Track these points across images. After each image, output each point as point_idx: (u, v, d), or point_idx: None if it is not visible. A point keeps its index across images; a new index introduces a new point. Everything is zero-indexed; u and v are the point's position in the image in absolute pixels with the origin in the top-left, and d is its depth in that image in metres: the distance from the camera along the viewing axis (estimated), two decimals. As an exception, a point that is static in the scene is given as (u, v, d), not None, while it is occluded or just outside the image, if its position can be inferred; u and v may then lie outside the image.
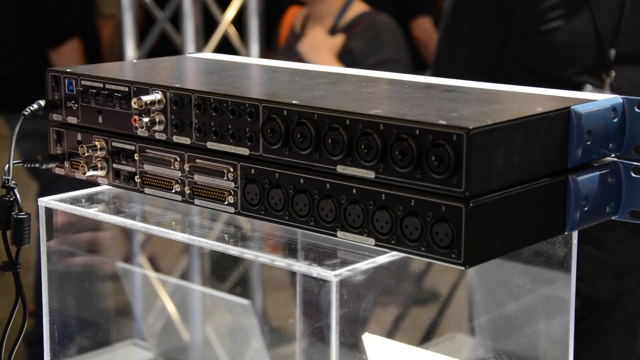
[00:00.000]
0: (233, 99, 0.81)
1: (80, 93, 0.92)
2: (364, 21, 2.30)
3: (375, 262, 0.76)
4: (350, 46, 2.26)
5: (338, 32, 2.30)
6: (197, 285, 1.78)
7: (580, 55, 1.60)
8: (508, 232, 0.73)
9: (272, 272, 1.38)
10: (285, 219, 0.79)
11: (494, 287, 1.20)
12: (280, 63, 1.01)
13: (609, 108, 0.79)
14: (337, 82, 0.90)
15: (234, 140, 0.81)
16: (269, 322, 1.26)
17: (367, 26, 2.29)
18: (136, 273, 1.41)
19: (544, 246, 0.88)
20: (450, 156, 0.68)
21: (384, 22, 2.31)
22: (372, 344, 0.97)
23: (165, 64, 1.04)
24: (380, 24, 2.30)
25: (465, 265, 0.69)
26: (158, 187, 0.88)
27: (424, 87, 0.87)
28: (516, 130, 0.72)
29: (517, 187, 0.73)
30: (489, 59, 1.69)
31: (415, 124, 0.70)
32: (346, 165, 0.74)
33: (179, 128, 0.85)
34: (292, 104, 0.77)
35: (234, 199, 0.82)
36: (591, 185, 0.78)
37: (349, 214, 0.75)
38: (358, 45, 2.25)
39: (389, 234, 0.73)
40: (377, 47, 2.24)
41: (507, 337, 1.11)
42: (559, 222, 0.78)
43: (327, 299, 0.72)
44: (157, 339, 1.41)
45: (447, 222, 0.69)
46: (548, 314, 0.95)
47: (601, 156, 0.80)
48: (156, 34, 2.66)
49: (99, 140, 0.91)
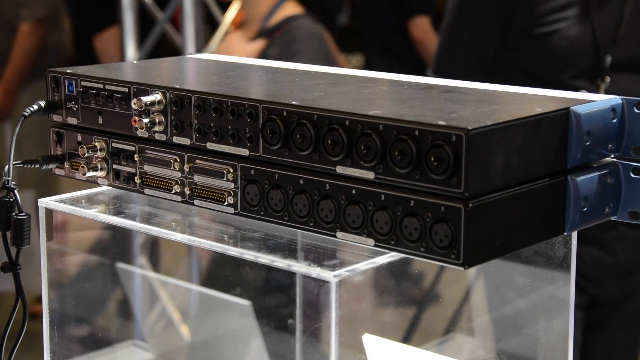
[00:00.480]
0: (233, 100, 0.81)
1: (80, 94, 0.92)
2: (284, 26, 2.13)
3: (375, 263, 0.76)
4: (267, 53, 2.09)
5: (261, 37, 2.14)
6: (197, 285, 1.79)
7: (577, 60, 1.61)
8: (507, 233, 0.73)
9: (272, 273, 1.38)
10: (285, 219, 0.79)
11: (494, 288, 1.20)
12: (280, 64, 1.02)
13: (608, 109, 0.79)
14: (337, 82, 0.90)
15: (234, 141, 0.81)
16: (269, 323, 1.26)
17: (285, 32, 2.12)
18: (136, 274, 1.41)
19: (543, 246, 0.88)
20: (449, 157, 0.68)
21: (302, 27, 2.12)
22: (372, 344, 0.97)
23: (165, 64, 1.04)
24: (297, 29, 2.11)
25: (465, 266, 0.69)
26: (158, 187, 0.88)
27: (424, 88, 0.87)
28: (515, 131, 0.72)
29: (517, 188, 0.73)
30: (490, 59, 1.69)
31: (415, 124, 0.70)
32: (346, 166, 0.74)
33: (179, 129, 0.85)
34: (292, 104, 0.77)
35: (233, 200, 0.82)
36: (590, 185, 0.78)
37: (349, 214, 0.75)
38: (274, 52, 2.08)
39: (388, 235, 0.73)
40: (290, 55, 2.05)
41: (507, 338, 1.11)
42: (558, 223, 0.78)
43: (327, 300, 0.73)
44: (157, 340, 1.41)
45: (446, 222, 0.69)
46: (548, 315, 0.95)
47: (600, 157, 0.80)
48: (156, 35, 2.66)
49: (99, 141, 0.91)
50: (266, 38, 2.11)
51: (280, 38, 2.09)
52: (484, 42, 1.69)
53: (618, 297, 1.74)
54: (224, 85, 0.88)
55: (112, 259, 1.29)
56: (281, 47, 2.06)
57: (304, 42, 2.07)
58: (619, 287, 1.73)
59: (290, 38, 2.08)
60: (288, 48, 2.05)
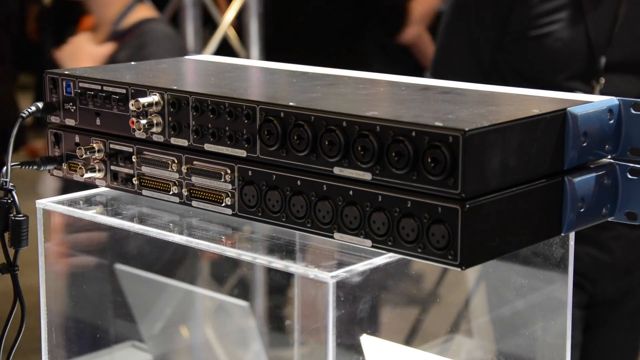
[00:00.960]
0: (230, 101, 0.81)
1: (78, 95, 0.92)
2: (135, 30, 2.04)
3: (372, 264, 0.76)
4: (117, 56, 1.99)
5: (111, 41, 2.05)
6: (196, 287, 1.79)
7: (571, 61, 1.62)
8: (504, 234, 0.73)
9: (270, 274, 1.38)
10: (282, 220, 0.79)
11: (491, 289, 1.20)
12: (278, 65, 1.02)
13: (605, 110, 0.79)
14: (335, 84, 0.90)
15: (231, 142, 0.81)
16: (268, 324, 1.27)
17: (137, 35, 2.02)
18: (135, 275, 1.41)
19: (541, 247, 0.88)
20: (446, 158, 0.68)
21: (154, 31, 2.02)
22: (370, 345, 0.97)
23: (163, 66, 1.04)
24: (149, 33, 2.01)
25: (462, 267, 0.69)
26: (156, 189, 0.88)
27: (421, 89, 0.87)
28: (512, 132, 0.72)
29: (514, 189, 0.73)
30: (486, 62, 1.70)
31: (412, 125, 0.70)
32: (343, 167, 0.74)
33: (177, 130, 0.85)
34: (289, 105, 0.77)
35: (231, 201, 0.82)
36: (587, 186, 0.78)
37: (346, 215, 0.75)
38: (124, 56, 1.97)
39: (385, 236, 0.73)
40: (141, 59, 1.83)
41: (506, 338, 1.11)
42: (555, 224, 0.78)
43: (324, 301, 0.73)
44: (155, 341, 1.41)
45: (443, 223, 0.69)
46: (546, 315, 0.95)
47: (597, 157, 0.80)
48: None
49: (96, 142, 0.91)
50: (116, 41, 2.04)
51: (131, 42, 2.01)
52: (480, 45, 1.70)
53: (616, 297, 1.74)
54: (221, 87, 0.88)
55: (111, 260, 1.29)
56: (132, 51, 1.98)
57: (156, 46, 1.98)
58: (617, 286, 1.73)
59: (142, 42, 1.99)
60: (139, 52, 1.97)
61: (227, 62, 1.06)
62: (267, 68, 1.01)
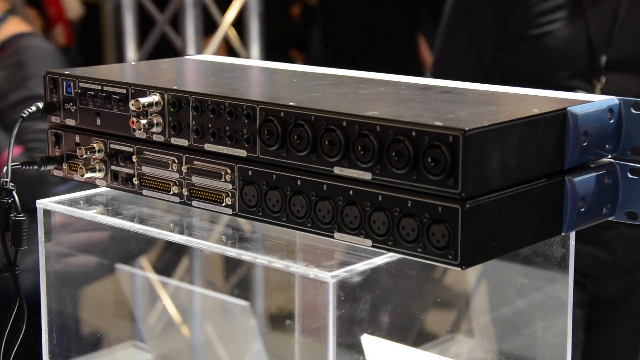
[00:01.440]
0: (230, 101, 0.81)
1: (78, 95, 0.92)
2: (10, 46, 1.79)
3: (372, 264, 0.76)
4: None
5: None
6: (197, 286, 1.79)
7: (571, 60, 1.62)
8: (505, 233, 0.73)
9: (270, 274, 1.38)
10: (282, 220, 0.79)
11: (492, 288, 1.20)
12: (278, 65, 1.02)
13: (606, 109, 0.79)
14: (335, 83, 0.90)
15: (232, 142, 0.81)
16: (268, 324, 1.27)
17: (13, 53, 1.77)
18: (136, 275, 1.41)
19: (541, 247, 0.88)
20: (446, 157, 0.68)
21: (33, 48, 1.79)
22: (370, 344, 0.97)
23: (164, 66, 1.04)
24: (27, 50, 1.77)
25: (462, 266, 0.69)
26: (156, 188, 0.88)
27: (421, 89, 0.87)
28: (512, 132, 0.72)
29: (514, 188, 0.73)
30: (487, 61, 1.70)
31: (412, 125, 0.70)
32: (343, 167, 0.74)
33: (177, 130, 0.85)
34: (289, 105, 0.77)
35: (231, 201, 0.83)
36: (588, 186, 0.78)
37: (346, 215, 0.75)
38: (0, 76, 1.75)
39: (386, 235, 0.73)
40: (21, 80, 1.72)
41: (507, 338, 1.11)
42: (555, 223, 0.78)
43: (324, 300, 0.73)
44: (156, 341, 1.41)
45: (443, 223, 0.69)
46: (546, 315, 0.95)
47: (598, 157, 0.80)
48: (156, 36, 2.67)
49: (97, 142, 0.91)
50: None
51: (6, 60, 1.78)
52: (480, 45, 1.70)
53: (618, 296, 1.74)
54: (221, 87, 0.88)
55: (112, 260, 1.30)
56: (9, 71, 1.75)
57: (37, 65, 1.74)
58: (619, 286, 1.73)
59: (20, 60, 1.76)
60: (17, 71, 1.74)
61: (228, 62, 1.06)
62: (267, 68, 1.01)
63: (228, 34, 2.75)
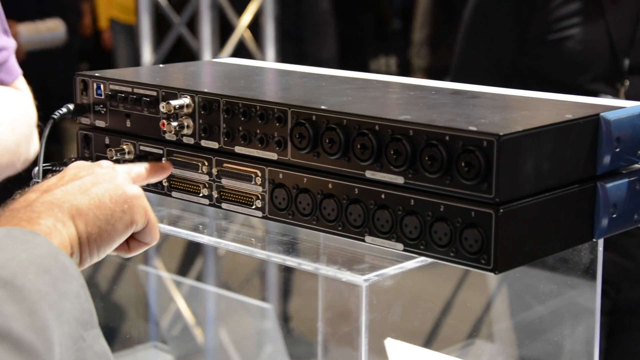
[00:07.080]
0: (261, 104, 0.81)
1: (108, 97, 0.92)
2: None
3: (404, 267, 0.76)
4: None
5: None
6: (221, 289, 1.79)
7: (593, 63, 1.61)
8: (537, 239, 0.73)
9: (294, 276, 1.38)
10: (313, 223, 0.79)
11: (518, 294, 1.20)
12: (305, 68, 1.02)
13: (638, 115, 0.79)
14: (364, 87, 0.90)
15: (262, 144, 0.82)
16: (291, 327, 1.27)
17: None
18: (159, 277, 1.41)
19: (569, 253, 0.88)
20: (480, 162, 0.68)
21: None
22: (394, 348, 0.97)
23: (192, 69, 1.04)
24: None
25: (495, 271, 0.69)
26: (185, 190, 0.88)
27: (451, 93, 0.87)
28: (546, 137, 0.72)
29: (547, 194, 0.73)
30: (505, 66, 1.70)
31: (445, 129, 0.70)
32: (375, 171, 0.75)
33: (207, 132, 0.85)
34: (321, 109, 0.77)
35: (261, 203, 0.83)
36: (620, 192, 0.78)
37: (378, 219, 0.75)
38: None
39: (417, 239, 0.73)
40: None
41: (529, 344, 1.11)
42: (587, 229, 0.78)
43: (357, 304, 0.73)
44: (177, 342, 1.42)
45: (476, 227, 0.69)
46: (573, 321, 0.94)
47: (629, 163, 0.80)
48: (173, 39, 2.67)
49: (126, 144, 0.91)
50: None
51: None
52: (500, 50, 1.70)
53: (638, 303, 1.73)
54: (251, 90, 0.88)
55: (135, 262, 1.30)
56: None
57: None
58: None
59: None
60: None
61: (254, 65, 1.06)
62: (295, 71, 1.01)
63: (244, 37, 2.75)
